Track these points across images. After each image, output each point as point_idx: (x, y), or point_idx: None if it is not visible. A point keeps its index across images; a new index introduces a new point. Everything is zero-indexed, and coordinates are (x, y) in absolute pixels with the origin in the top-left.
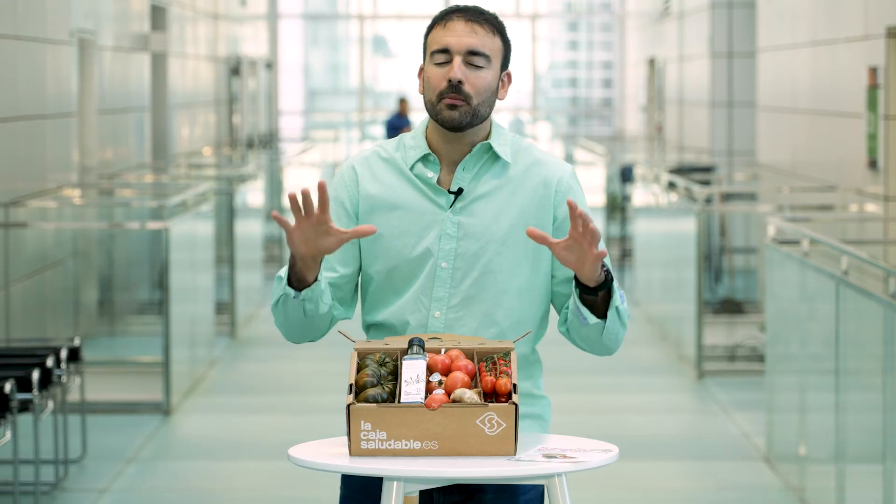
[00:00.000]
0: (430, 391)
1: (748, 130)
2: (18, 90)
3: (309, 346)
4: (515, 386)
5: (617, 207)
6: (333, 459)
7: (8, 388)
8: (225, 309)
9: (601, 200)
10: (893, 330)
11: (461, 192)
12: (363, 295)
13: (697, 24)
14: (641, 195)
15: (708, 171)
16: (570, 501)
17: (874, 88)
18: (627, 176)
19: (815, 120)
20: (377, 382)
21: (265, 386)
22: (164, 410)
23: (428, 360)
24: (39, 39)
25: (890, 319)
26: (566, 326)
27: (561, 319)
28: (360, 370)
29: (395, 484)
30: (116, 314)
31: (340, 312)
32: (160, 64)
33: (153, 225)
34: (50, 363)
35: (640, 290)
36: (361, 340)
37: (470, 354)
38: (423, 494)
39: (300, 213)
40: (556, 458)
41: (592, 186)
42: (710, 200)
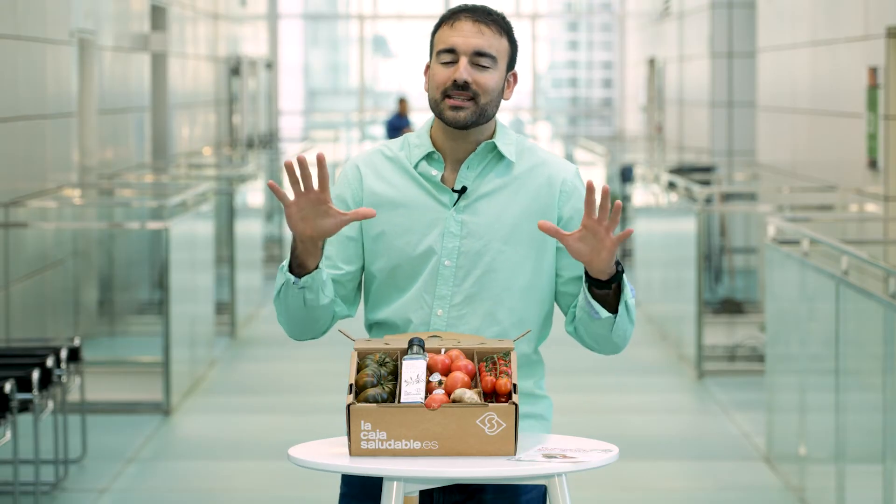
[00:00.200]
0: (430, 391)
1: (748, 130)
2: (18, 90)
3: (309, 346)
4: (515, 386)
5: None
6: (333, 459)
7: (8, 388)
8: (225, 309)
9: None
10: (893, 330)
11: (465, 190)
12: (366, 293)
13: (697, 24)
14: (641, 195)
15: (708, 171)
16: (570, 501)
17: (874, 88)
18: (627, 176)
19: (815, 120)
20: (377, 382)
21: (265, 386)
22: (164, 410)
23: (428, 360)
24: (39, 39)
25: (890, 319)
26: (574, 325)
27: (568, 319)
28: (360, 370)
29: (395, 484)
30: (116, 314)
31: (343, 310)
32: (160, 64)
33: (153, 225)
34: (50, 363)
35: (640, 290)
36: (361, 340)
37: (470, 354)
38: (422, 494)
39: (298, 185)
40: (556, 458)
41: None
42: (710, 200)
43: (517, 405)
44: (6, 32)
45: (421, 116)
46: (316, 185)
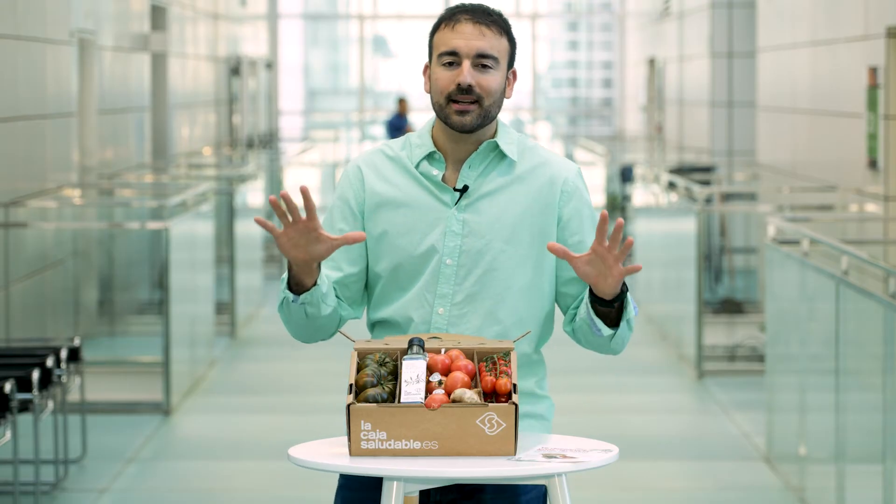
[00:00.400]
0: (430, 391)
1: (748, 130)
2: (18, 90)
3: (309, 346)
4: (515, 386)
5: (617, 207)
6: (333, 459)
7: (8, 388)
8: (225, 309)
9: (601, 200)
10: (893, 330)
11: (466, 189)
12: (369, 293)
13: (697, 24)
14: (641, 195)
15: (708, 171)
16: (570, 501)
17: (874, 88)
18: (627, 176)
19: (815, 120)
20: (377, 382)
21: (265, 386)
22: (164, 410)
23: (428, 360)
24: (39, 39)
25: (890, 319)
26: (572, 326)
27: (566, 319)
28: (360, 370)
29: (395, 484)
30: (116, 314)
31: (349, 312)
32: (160, 64)
33: (153, 225)
34: (50, 363)
35: (640, 290)
36: (361, 340)
37: (470, 354)
38: (421, 494)
39: (286, 218)
40: (556, 458)
41: (592, 186)
42: (710, 200)
43: (517, 405)
44: (6, 32)
45: (421, 116)
46: (304, 214)
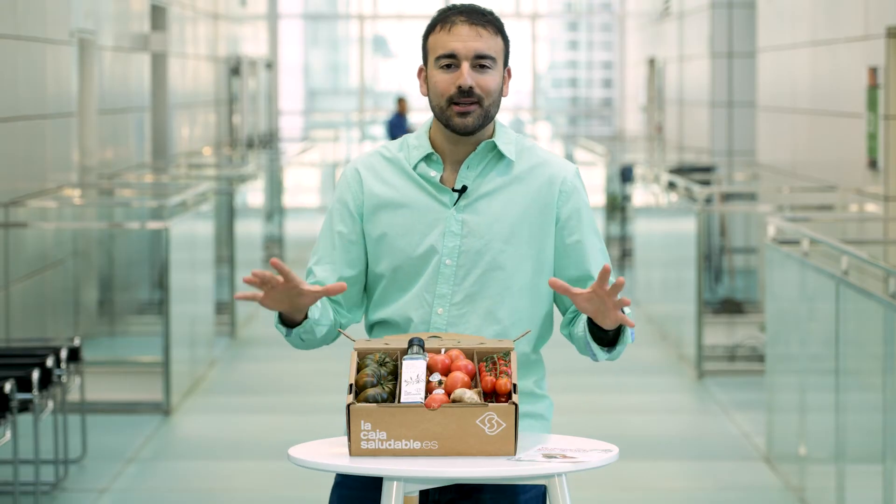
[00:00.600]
0: (430, 391)
1: (748, 130)
2: (18, 90)
3: None
4: (515, 386)
5: (617, 207)
6: (333, 459)
7: (8, 388)
8: (225, 309)
9: (601, 200)
10: (893, 330)
11: (465, 189)
12: (369, 294)
13: (697, 24)
14: (641, 195)
15: (708, 171)
16: (570, 501)
17: (874, 88)
18: (627, 176)
19: (815, 120)
20: (377, 382)
21: (265, 386)
22: (164, 410)
23: (428, 359)
24: (39, 39)
25: (890, 319)
26: (569, 330)
27: (564, 322)
28: (360, 370)
29: (395, 484)
30: (116, 314)
31: (348, 319)
32: (160, 64)
33: (153, 225)
34: (50, 363)
35: (640, 290)
36: (361, 340)
37: (470, 354)
38: (420, 494)
39: (264, 286)
40: (556, 458)
41: (592, 186)
42: (710, 200)
43: (517, 405)
44: (6, 32)
45: (420, 116)
46: (280, 279)
